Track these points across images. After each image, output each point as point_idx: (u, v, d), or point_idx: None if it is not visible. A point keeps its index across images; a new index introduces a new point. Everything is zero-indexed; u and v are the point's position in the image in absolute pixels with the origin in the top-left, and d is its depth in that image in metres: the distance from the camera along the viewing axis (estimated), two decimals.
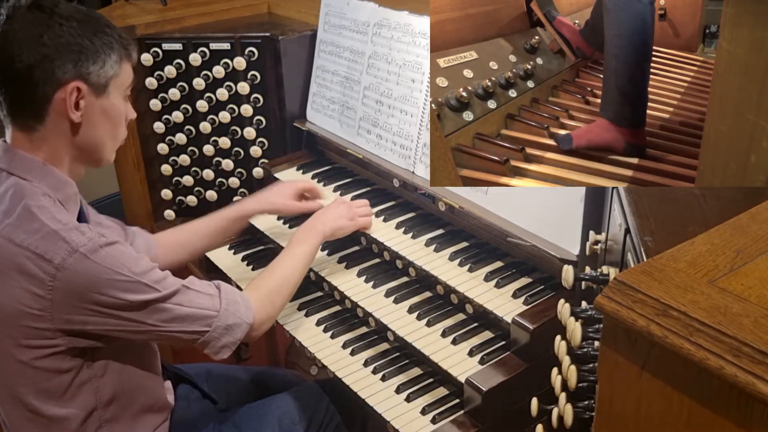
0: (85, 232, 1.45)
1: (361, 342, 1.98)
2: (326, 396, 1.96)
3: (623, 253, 1.24)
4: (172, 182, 2.76)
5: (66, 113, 1.47)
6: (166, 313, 1.52)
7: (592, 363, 1.26)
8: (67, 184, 1.54)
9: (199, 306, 1.58)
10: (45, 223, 1.43)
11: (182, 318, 1.55)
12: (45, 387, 1.52)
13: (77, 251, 1.42)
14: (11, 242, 1.43)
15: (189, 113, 2.64)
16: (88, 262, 1.42)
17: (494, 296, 1.86)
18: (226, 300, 1.64)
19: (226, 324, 1.62)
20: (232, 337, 1.64)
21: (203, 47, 2.56)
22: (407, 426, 1.72)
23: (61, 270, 1.41)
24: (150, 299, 1.49)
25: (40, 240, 1.41)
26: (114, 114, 1.56)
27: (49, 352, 1.48)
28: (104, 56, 1.50)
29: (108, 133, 1.57)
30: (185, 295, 1.56)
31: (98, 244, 1.44)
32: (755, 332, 0.79)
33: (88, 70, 1.47)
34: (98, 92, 1.51)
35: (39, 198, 1.46)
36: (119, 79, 1.54)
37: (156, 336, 1.57)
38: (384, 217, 2.21)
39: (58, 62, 1.44)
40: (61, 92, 1.46)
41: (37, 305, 1.43)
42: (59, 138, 1.51)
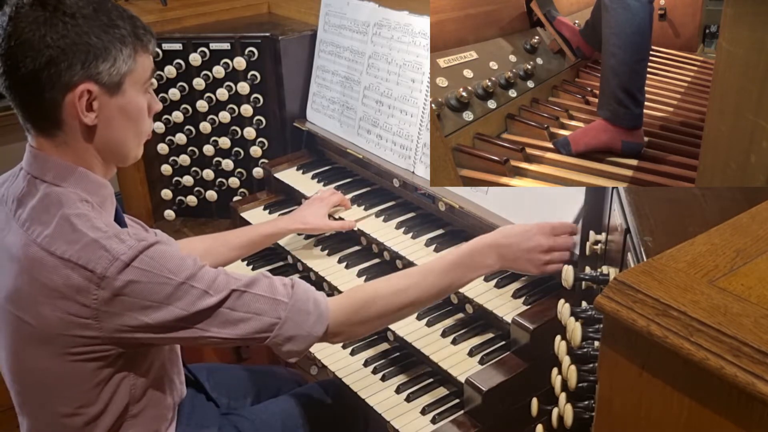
0: (125, 240, 1.38)
1: (361, 342, 1.98)
2: (328, 397, 1.96)
3: (623, 253, 1.24)
4: (172, 182, 2.76)
5: (79, 117, 1.39)
6: (216, 318, 1.43)
7: (592, 363, 1.26)
8: (103, 186, 1.48)
9: (257, 311, 1.47)
10: (85, 233, 1.37)
11: (235, 324, 1.45)
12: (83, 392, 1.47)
13: (118, 259, 1.36)
14: (52, 255, 1.37)
15: (189, 113, 2.65)
16: (130, 269, 1.37)
17: (494, 296, 1.86)
18: (295, 309, 1.50)
19: (287, 335, 1.50)
20: (294, 347, 1.52)
21: (203, 47, 2.56)
22: (407, 426, 1.72)
23: (104, 279, 1.36)
24: (198, 304, 1.41)
25: (81, 250, 1.36)
26: (133, 111, 1.46)
27: (94, 357, 1.43)
28: (115, 52, 1.39)
29: (129, 131, 1.48)
30: (240, 299, 1.45)
31: (138, 250, 1.38)
32: (755, 332, 0.79)
33: (98, 69, 1.37)
34: (112, 91, 1.41)
35: (77, 205, 1.40)
36: (135, 74, 1.44)
37: (207, 342, 1.47)
38: (384, 217, 2.21)
39: (64, 65, 1.34)
40: (71, 96, 1.37)
41: (85, 314, 1.37)
42: (79, 141, 1.43)
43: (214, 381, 2.00)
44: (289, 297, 1.50)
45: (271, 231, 2.13)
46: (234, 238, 2.07)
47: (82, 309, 1.38)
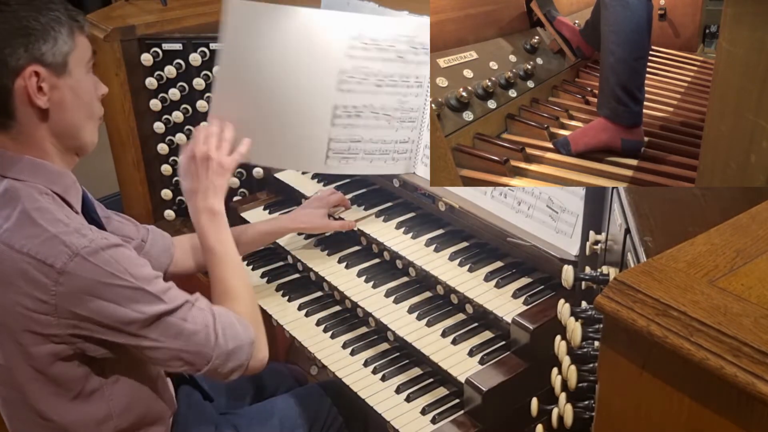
0: (86, 234, 1.39)
1: (361, 342, 1.98)
2: (328, 398, 1.96)
3: (623, 253, 1.24)
4: (172, 182, 2.76)
5: (31, 101, 1.40)
6: (168, 329, 1.45)
7: (592, 363, 1.26)
8: (63, 175, 1.48)
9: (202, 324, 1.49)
10: (45, 228, 1.38)
11: (185, 336, 1.46)
12: (56, 393, 1.49)
13: (78, 254, 1.37)
14: (11, 248, 1.38)
15: (189, 113, 2.64)
16: (89, 265, 1.38)
17: (494, 296, 1.86)
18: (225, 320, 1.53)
19: (228, 349, 1.52)
20: (237, 361, 1.54)
21: (203, 47, 2.55)
22: (407, 426, 1.72)
23: (63, 274, 1.36)
24: (149, 308, 1.42)
25: (41, 245, 1.37)
26: (82, 91, 1.48)
27: (57, 357, 1.44)
28: (54, 33, 1.41)
29: (81, 112, 1.49)
30: (191, 311, 1.48)
31: (99, 246, 1.39)
32: (755, 332, 0.79)
33: (41, 50, 1.39)
34: (58, 72, 1.42)
35: (37, 199, 1.41)
36: (77, 54, 1.45)
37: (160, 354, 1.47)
38: (384, 217, 2.21)
39: (8, 50, 1.36)
40: (20, 80, 1.38)
41: (42, 310, 1.39)
42: (34, 129, 1.44)
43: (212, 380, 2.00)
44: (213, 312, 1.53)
45: (270, 229, 2.13)
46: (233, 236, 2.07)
47: (39, 304, 1.39)
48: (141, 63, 2.58)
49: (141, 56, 2.57)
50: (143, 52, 2.57)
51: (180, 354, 1.48)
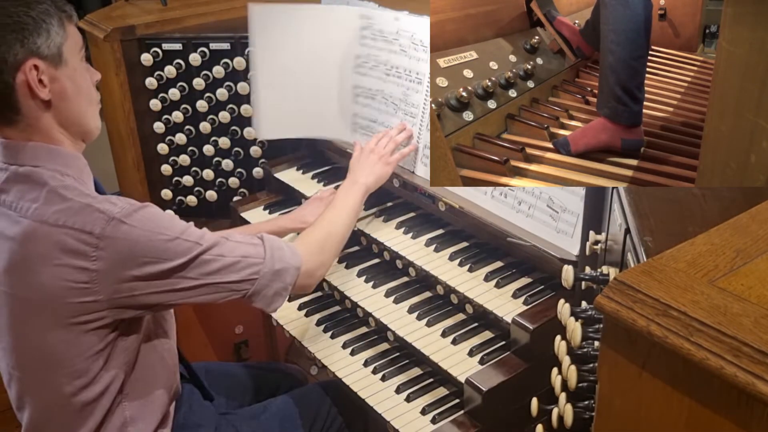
0: (116, 202, 1.46)
1: (361, 342, 1.98)
2: (328, 398, 1.96)
3: (623, 253, 1.24)
4: (172, 182, 2.76)
5: (33, 94, 1.44)
6: (210, 265, 1.52)
7: (592, 363, 1.26)
8: (76, 158, 1.53)
9: (243, 254, 1.58)
10: (75, 200, 1.43)
11: (227, 268, 1.54)
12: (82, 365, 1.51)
13: (114, 218, 1.42)
14: (45, 223, 1.42)
15: (189, 113, 2.64)
16: (126, 226, 1.43)
17: (494, 296, 1.86)
18: (270, 246, 1.63)
19: (273, 269, 1.61)
20: (282, 283, 1.63)
21: (203, 47, 2.55)
22: (407, 426, 1.72)
23: (102, 239, 1.41)
24: (191, 253, 1.50)
25: (76, 215, 1.42)
26: (80, 79, 1.53)
27: (94, 326, 1.48)
28: (46, 25, 1.44)
29: (82, 99, 1.53)
30: (225, 245, 1.56)
31: (133, 209, 1.45)
32: (755, 332, 0.79)
33: (37, 44, 1.42)
34: (56, 63, 1.46)
35: (61, 179, 1.46)
36: (70, 43, 1.49)
37: (204, 291, 1.54)
38: (384, 217, 2.21)
39: (4, 47, 1.39)
40: (20, 75, 1.42)
41: (84, 278, 1.43)
42: (41, 120, 1.48)
43: (213, 379, 2.00)
44: (261, 238, 1.64)
45: (271, 230, 2.12)
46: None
47: (80, 273, 1.42)
48: (141, 63, 2.57)
49: (141, 56, 2.57)
50: (143, 52, 2.57)
51: (224, 286, 1.56)
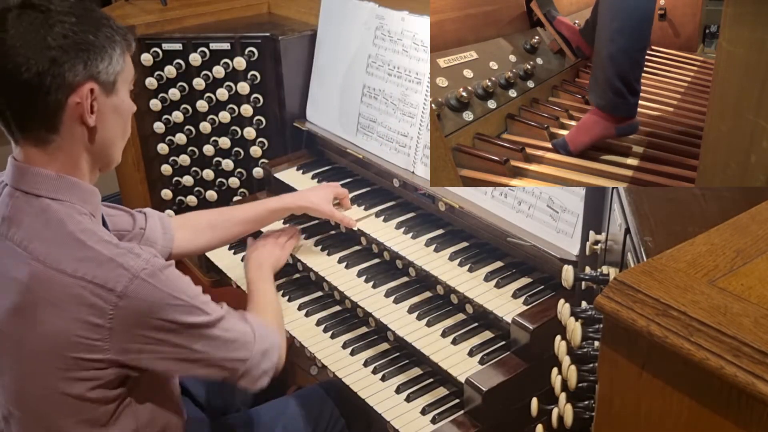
0: (140, 254, 1.38)
1: (361, 342, 1.98)
2: (330, 399, 1.95)
3: (623, 253, 1.24)
4: (172, 182, 2.76)
5: (81, 118, 1.37)
6: (214, 340, 1.48)
7: (592, 363, 1.26)
8: (94, 194, 1.46)
9: (240, 331, 1.54)
10: (97, 250, 1.35)
11: (227, 344, 1.50)
12: (88, 418, 1.45)
13: (138, 277, 1.35)
14: (63, 273, 1.34)
15: (189, 113, 2.64)
16: (149, 286, 1.36)
17: (494, 296, 1.86)
18: (256, 324, 1.60)
19: (262, 349, 1.58)
20: (269, 362, 1.60)
21: (203, 47, 2.56)
22: (407, 426, 1.72)
23: (123, 298, 1.34)
24: (201, 323, 1.44)
25: (98, 269, 1.34)
26: (124, 111, 1.47)
27: (97, 383, 1.42)
28: (110, 51, 1.38)
29: (119, 131, 1.48)
30: (229, 320, 1.52)
31: (157, 268, 1.38)
32: (755, 332, 0.79)
33: (98, 68, 1.36)
34: (108, 91, 1.40)
35: (78, 220, 1.38)
36: (125, 74, 1.44)
37: (202, 365, 1.49)
38: (384, 217, 2.21)
39: (67, 65, 1.32)
40: (75, 96, 1.35)
41: (96, 335, 1.36)
42: (75, 145, 1.40)
43: (213, 384, 1.99)
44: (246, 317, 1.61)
45: (276, 206, 2.12)
46: (239, 213, 2.08)
47: (93, 329, 1.35)
48: (141, 63, 2.58)
49: (141, 56, 2.57)
50: (143, 52, 2.57)
51: (223, 362, 1.51)
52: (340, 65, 2.46)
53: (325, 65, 2.52)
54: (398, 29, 2.25)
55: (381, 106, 2.29)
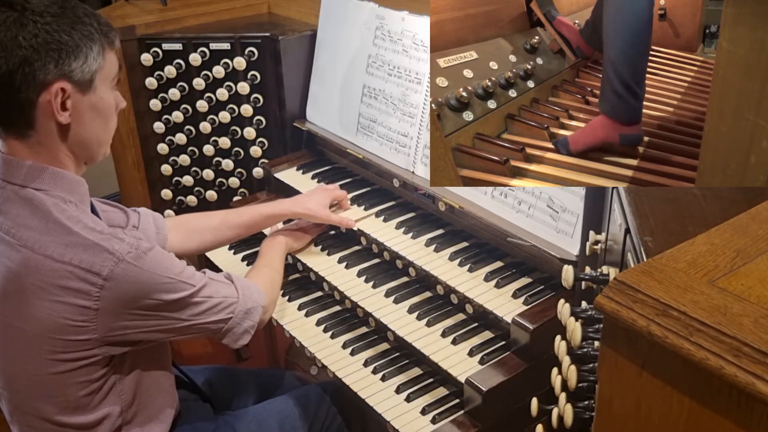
0: (124, 239, 1.42)
1: (361, 342, 1.98)
2: (327, 398, 1.95)
3: (623, 253, 1.24)
4: (172, 182, 2.76)
5: (53, 116, 1.39)
6: (198, 307, 1.55)
7: (592, 363, 1.26)
8: (80, 184, 1.48)
9: (224, 295, 1.62)
10: (82, 235, 1.39)
11: (211, 309, 1.58)
12: (74, 397, 1.49)
13: (123, 260, 1.40)
14: (50, 258, 1.37)
15: (189, 113, 2.64)
16: (135, 269, 1.41)
17: (494, 296, 1.86)
18: (241, 286, 1.68)
19: (245, 308, 1.67)
20: (251, 321, 1.69)
21: (203, 47, 2.56)
22: (407, 426, 1.72)
23: (109, 280, 1.39)
24: (186, 295, 1.52)
25: (83, 253, 1.38)
26: (103, 108, 1.47)
27: (84, 363, 1.46)
28: (86, 50, 1.39)
29: (99, 128, 1.48)
30: (212, 286, 1.60)
31: (141, 251, 1.43)
32: (755, 332, 0.79)
33: (71, 67, 1.37)
34: (84, 89, 1.41)
35: (63, 208, 1.41)
36: (104, 71, 1.44)
37: (188, 331, 1.57)
38: (384, 217, 2.21)
39: (38, 64, 1.34)
40: (46, 95, 1.36)
41: (82, 317, 1.40)
42: (53, 141, 1.43)
43: (212, 382, 2.00)
44: (229, 278, 1.70)
45: (272, 212, 2.13)
46: (235, 217, 2.09)
47: (79, 312, 1.40)
48: (141, 63, 2.58)
49: (141, 56, 2.57)
50: (143, 52, 2.57)
51: (206, 326, 1.60)
52: (340, 65, 2.46)
53: (325, 65, 2.52)
54: (398, 29, 2.25)
55: (381, 106, 2.29)
